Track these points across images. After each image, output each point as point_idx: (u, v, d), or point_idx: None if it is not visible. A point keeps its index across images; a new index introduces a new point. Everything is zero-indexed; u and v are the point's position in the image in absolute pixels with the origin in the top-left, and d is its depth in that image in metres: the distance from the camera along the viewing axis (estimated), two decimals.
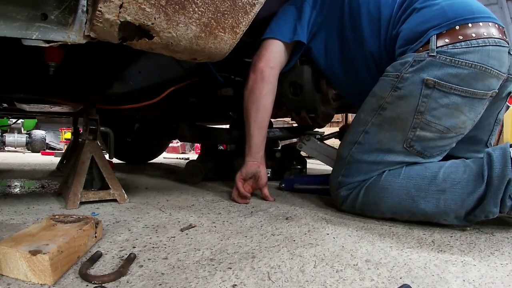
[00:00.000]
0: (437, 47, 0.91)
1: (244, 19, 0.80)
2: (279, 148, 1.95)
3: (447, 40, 0.91)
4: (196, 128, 1.70)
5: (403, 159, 0.99)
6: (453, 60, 0.89)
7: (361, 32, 1.11)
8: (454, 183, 0.90)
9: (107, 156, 1.24)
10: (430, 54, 0.90)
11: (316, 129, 1.70)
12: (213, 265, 0.63)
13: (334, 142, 1.53)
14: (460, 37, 0.90)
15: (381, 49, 1.08)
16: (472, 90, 0.90)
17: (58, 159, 2.69)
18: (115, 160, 2.49)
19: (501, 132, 2.39)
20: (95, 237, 0.71)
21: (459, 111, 0.92)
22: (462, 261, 0.70)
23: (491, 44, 0.89)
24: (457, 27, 0.91)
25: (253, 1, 0.78)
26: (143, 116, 2.15)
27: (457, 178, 0.91)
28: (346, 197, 1.06)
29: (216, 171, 1.78)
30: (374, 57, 1.10)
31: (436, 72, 0.90)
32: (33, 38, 0.67)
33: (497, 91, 0.94)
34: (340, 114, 5.66)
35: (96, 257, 0.62)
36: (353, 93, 1.23)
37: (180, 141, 2.24)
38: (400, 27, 1.01)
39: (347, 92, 1.30)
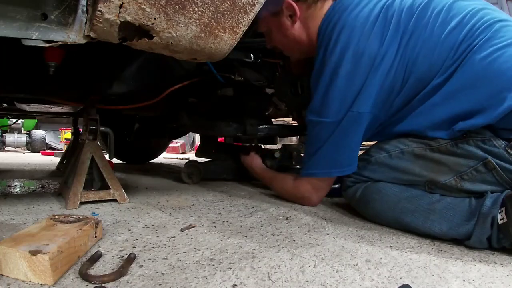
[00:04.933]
0: None
1: (244, 19, 0.80)
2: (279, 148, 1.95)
3: None
4: (196, 117, 1.70)
5: (414, 190, 0.93)
6: None
7: None
8: (448, 207, 0.85)
9: (107, 156, 1.24)
10: (507, 149, 0.79)
11: None
12: (213, 265, 0.63)
13: None
14: None
15: None
16: None
17: (58, 159, 2.69)
18: (115, 160, 2.49)
19: None
20: (95, 237, 0.71)
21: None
22: (462, 261, 0.70)
23: None
24: None
25: (253, 1, 0.78)
26: (143, 116, 2.15)
27: (453, 202, 0.85)
28: (350, 186, 1.06)
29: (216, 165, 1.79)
30: None
31: (502, 163, 0.80)
32: (33, 38, 0.67)
33: None
34: None
35: (96, 257, 0.62)
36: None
37: (180, 130, 2.23)
38: None
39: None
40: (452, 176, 0.86)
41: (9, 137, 6.50)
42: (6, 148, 6.54)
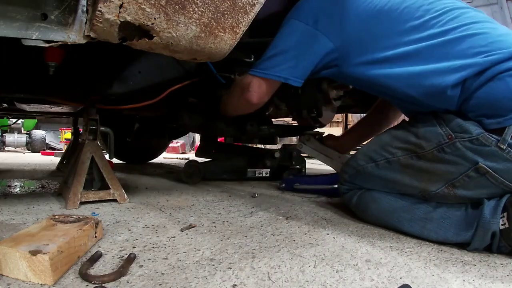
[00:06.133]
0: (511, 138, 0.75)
1: (244, 19, 0.80)
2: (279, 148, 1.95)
3: None
4: (196, 117, 1.69)
5: (408, 198, 0.93)
6: None
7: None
8: (444, 216, 0.83)
9: (107, 156, 1.24)
10: (499, 145, 0.75)
11: (317, 129, 1.70)
12: (213, 265, 0.63)
13: None
14: None
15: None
16: None
17: (58, 159, 2.69)
18: (115, 160, 2.49)
19: None
20: (95, 237, 0.71)
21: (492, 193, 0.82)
22: (462, 261, 0.70)
23: None
24: None
25: (253, 1, 0.78)
26: (143, 116, 2.15)
27: (449, 211, 0.84)
28: (346, 193, 1.07)
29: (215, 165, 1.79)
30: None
31: (495, 164, 0.76)
32: (33, 38, 0.67)
33: None
34: (340, 114, 5.67)
35: (96, 257, 0.62)
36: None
37: (180, 130, 2.24)
38: (475, 92, 0.79)
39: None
40: (443, 184, 0.84)
41: (9, 137, 6.50)
42: (6, 148, 6.54)
